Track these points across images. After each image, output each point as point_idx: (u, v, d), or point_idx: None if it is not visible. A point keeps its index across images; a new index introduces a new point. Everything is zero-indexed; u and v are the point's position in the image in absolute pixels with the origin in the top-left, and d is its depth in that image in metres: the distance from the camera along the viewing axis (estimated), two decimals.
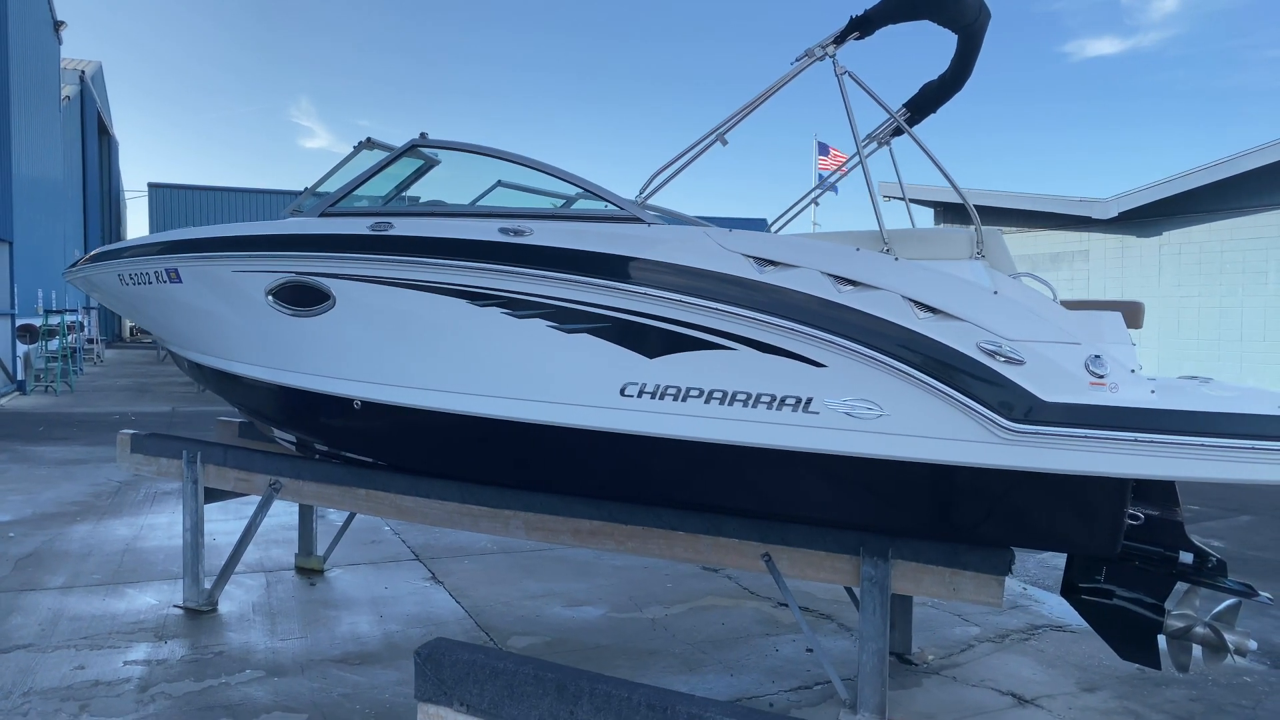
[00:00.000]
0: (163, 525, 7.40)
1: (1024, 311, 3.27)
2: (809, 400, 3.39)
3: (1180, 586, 3.98)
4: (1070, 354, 3.19)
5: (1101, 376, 3.15)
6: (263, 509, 5.29)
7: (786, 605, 5.65)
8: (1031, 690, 4.43)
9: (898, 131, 5.02)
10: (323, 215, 4.37)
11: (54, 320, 19.73)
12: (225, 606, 5.45)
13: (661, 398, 3.59)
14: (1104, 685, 4.49)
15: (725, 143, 3.79)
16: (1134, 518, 3.41)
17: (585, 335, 3.71)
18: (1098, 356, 3.17)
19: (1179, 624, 3.96)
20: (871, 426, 3.31)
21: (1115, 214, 18.38)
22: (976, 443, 3.19)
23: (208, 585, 5.42)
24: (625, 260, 3.64)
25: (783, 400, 3.42)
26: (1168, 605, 3.92)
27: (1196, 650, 3.94)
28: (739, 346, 3.48)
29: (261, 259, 4.36)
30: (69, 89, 26.73)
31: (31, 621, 5.09)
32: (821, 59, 3.68)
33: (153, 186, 36.34)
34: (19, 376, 18.30)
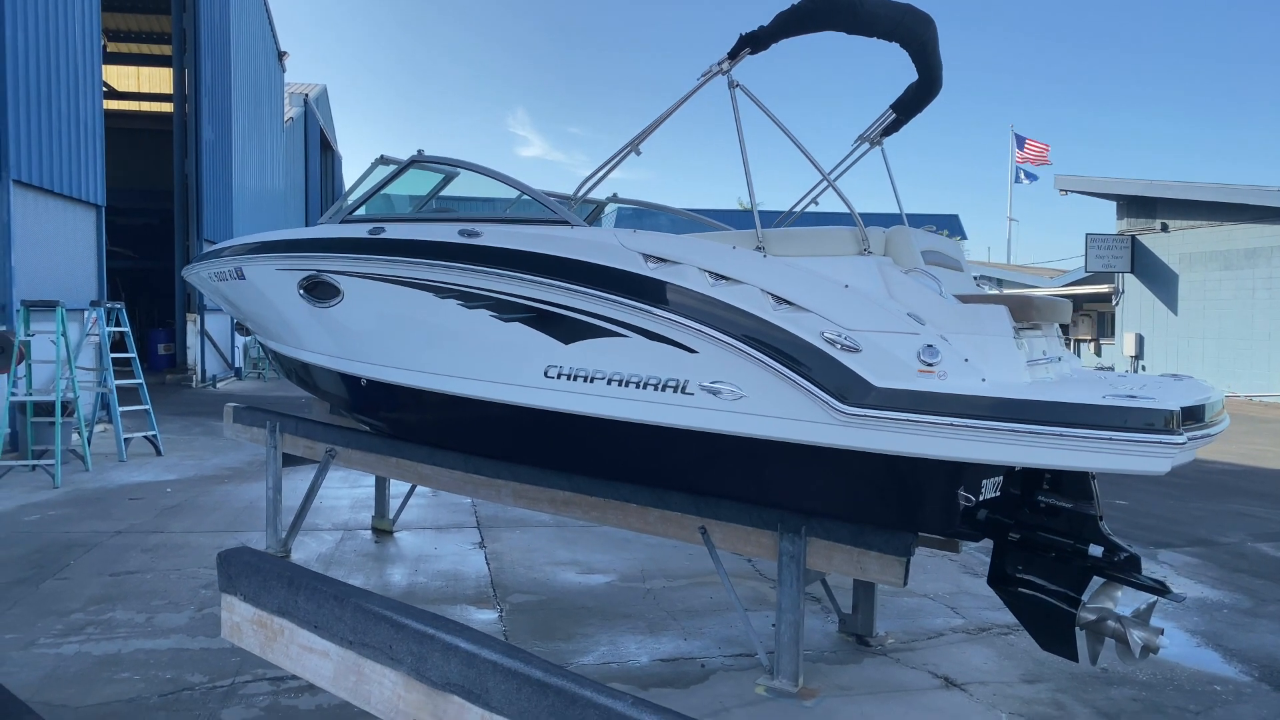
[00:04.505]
0: (287, 489, 8.59)
1: (868, 303, 3.50)
2: (685, 383, 3.77)
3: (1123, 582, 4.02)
4: (905, 343, 3.39)
5: (931, 365, 3.33)
6: (322, 472, 6.21)
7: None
8: (968, 677, 4.52)
9: (888, 130, 5.22)
10: (343, 221, 5.17)
11: None
12: (298, 554, 6.42)
13: (575, 379, 4.08)
14: (1049, 679, 4.50)
15: (639, 153, 4.22)
16: (966, 500, 3.52)
17: (517, 324, 4.26)
18: (930, 346, 3.35)
19: (1091, 617, 3.99)
20: (733, 407, 3.65)
21: None
22: (817, 423, 3.46)
23: (283, 535, 6.42)
24: (544, 258, 4.15)
25: (665, 383, 3.82)
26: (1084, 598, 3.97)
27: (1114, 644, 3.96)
28: (632, 334, 3.91)
29: (295, 259, 5.22)
30: (293, 111, 30.13)
31: (145, 556, 6.26)
32: (718, 74, 4.03)
33: None
34: (236, 364, 21.05)
